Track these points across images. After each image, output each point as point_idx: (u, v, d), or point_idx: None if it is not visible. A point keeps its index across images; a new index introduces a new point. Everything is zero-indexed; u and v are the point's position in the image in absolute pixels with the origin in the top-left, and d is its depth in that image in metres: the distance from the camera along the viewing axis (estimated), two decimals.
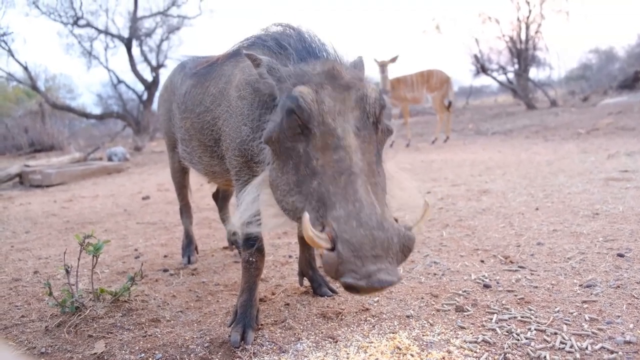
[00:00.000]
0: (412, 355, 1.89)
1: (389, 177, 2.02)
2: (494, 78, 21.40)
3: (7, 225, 5.62)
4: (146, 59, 22.81)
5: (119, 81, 23.62)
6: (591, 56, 27.49)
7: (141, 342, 2.22)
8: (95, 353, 2.14)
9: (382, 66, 11.51)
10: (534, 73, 23.34)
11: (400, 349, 1.95)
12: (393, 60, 11.52)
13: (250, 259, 2.29)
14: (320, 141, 1.73)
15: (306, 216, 1.56)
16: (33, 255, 4.08)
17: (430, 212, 1.97)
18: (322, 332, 2.18)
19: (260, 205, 2.04)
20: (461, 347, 1.94)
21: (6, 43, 19.50)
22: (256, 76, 2.05)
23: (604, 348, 1.83)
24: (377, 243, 1.51)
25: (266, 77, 1.97)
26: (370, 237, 1.51)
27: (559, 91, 20.96)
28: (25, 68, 20.15)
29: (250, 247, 2.25)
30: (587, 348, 1.84)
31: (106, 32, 21.87)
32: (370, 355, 1.91)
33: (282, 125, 1.81)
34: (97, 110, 26.04)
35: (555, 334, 1.97)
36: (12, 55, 19.78)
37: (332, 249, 1.53)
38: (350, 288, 1.51)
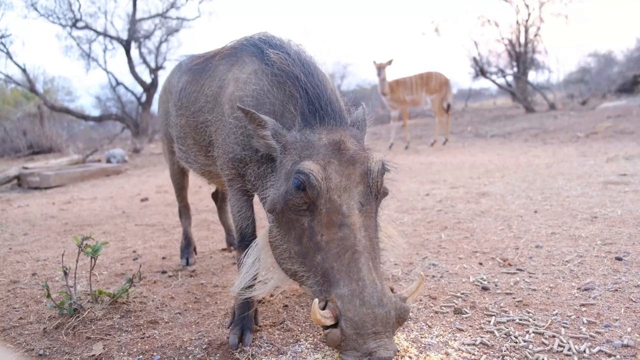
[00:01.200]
0: (410, 358, 1.88)
1: (382, 226, 2.12)
2: (493, 81, 21.42)
3: (5, 228, 5.61)
4: (145, 61, 22.82)
5: (118, 83, 23.62)
6: (590, 60, 27.60)
7: (139, 344, 2.22)
8: (94, 355, 2.13)
9: (380, 68, 11.52)
10: (532, 76, 23.44)
11: (398, 352, 1.94)
12: (389, 63, 11.54)
13: None
14: (325, 218, 1.78)
15: (315, 302, 1.65)
16: (31, 257, 4.07)
17: (423, 285, 2.11)
18: (320, 334, 2.18)
19: (262, 267, 2.08)
20: (459, 349, 1.94)
21: (4, 45, 19.50)
22: (255, 128, 1.99)
23: (602, 351, 1.83)
24: (378, 320, 1.64)
25: (269, 139, 1.96)
26: (371, 315, 1.64)
27: (557, 94, 21.02)
28: (24, 70, 20.14)
29: (245, 248, 2.25)
30: (585, 351, 1.84)
31: (105, 34, 21.87)
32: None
33: (286, 197, 1.83)
34: (95, 113, 26.06)
35: (554, 336, 1.97)
36: (11, 58, 19.78)
37: (335, 325, 1.65)
38: None
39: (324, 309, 1.69)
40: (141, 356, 2.10)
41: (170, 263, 3.62)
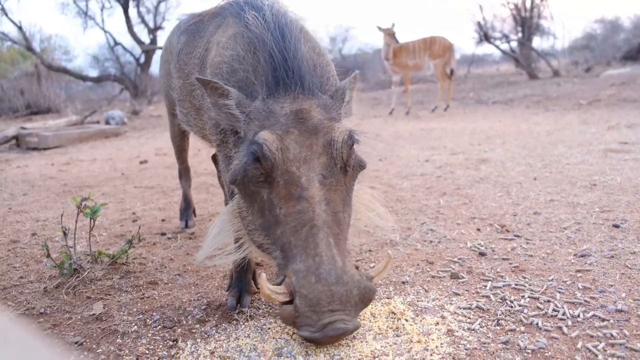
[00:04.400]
0: (406, 320, 1.91)
1: (358, 200, 2.05)
2: (497, 47, 21.08)
3: (5, 188, 5.62)
4: (143, 21, 22.35)
5: (116, 43, 23.21)
6: (596, 26, 27.06)
7: (139, 304, 2.25)
8: (94, 314, 2.16)
9: (388, 35, 11.33)
10: (537, 42, 23.03)
11: (395, 314, 1.97)
12: (391, 29, 11.35)
13: None
14: (283, 190, 1.72)
15: (263, 277, 1.62)
16: (31, 217, 4.09)
17: (391, 263, 2.03)
18: None
19: (227, 237, 2.02)
20: (455, 312, 1.96)
21: None
22: (216, 97, 1.90)
23: (596, 316, 1.85)
24: (335, 298, 1.58)
25: (233, 109, 1.88)
26: (328, 292, 1.57)
27: (562, 61, 20.73)
28: (20, 28, 19.73)
29: None
30: (579, 316, 1.86)
31: None
32: (364, 319, 1.93)
33: (245, 169, 1.76)
34: (93, 73, 25.67)
35: (549, 301, 2.00)
36: (6, 14, 19.33)
37: (290, 302, 1.60)
38: (307, 340, 1.61)
39: (280, 283, 1.66)
40: (141, 316, 2.13)
41: (170, 225, 3.64)
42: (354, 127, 1.93)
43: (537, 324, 1.82)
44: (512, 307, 1.97)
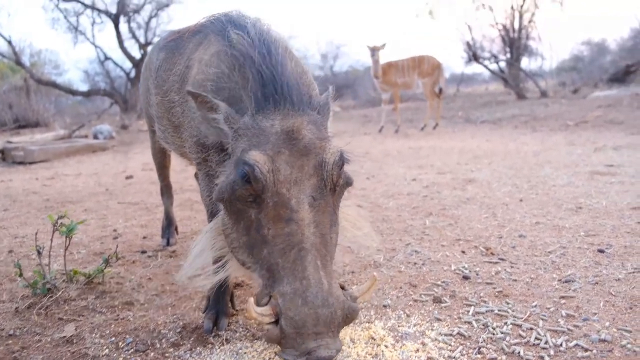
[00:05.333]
0: (386, 347, 1.86)
1: (344, 217, 2.04)
2: (486, 66, 21.29)
3: None
4: (134, 36, 22.36)
5: (107, 58, 23.18)
6: (583, 48, 27.51)
7: (112, 326, 2.18)
8: (64, 336, 2.09)
9: (374, 51, 11.40)
10: (525, 63, 23.27)
11: (374, 339, 1.92)
12: (382, 46, 11.43)
13: None
14: (272, 211, 1.69)
15: (251, 301, 1.60)
16: (9, 233, 4.00)
17: (377, 285, 1.99)
18: None
19: (210, 256, 1.97)
20: (436, 339, 1.92)
21: None
22: (205, 111, 1.89)
23: (579, 345, 1.81)
24: (320, 321, 1.57)
25: (221, 124, 1.86)
26: (313, 315, 1.57)
27: (549, 82, 20.94)
28: (9, 42, 19.67)
29: None
30: (561, 345, 1.82)
31: (93, 7, 21.33)
32: (343, 344, 1.88)
33: (233, 187, 1.73)
34: (84, 87, 25.57)
35: (531, 329, 1.96)
36: None
37: (276, 322, 1.60)
38: None
39: (266, 304, 1.63)
40: (113, 338, 2.06)
41: (151, 243, 3.57)
42: (344, 146, 1.90)
43: (519, 352, 1.78)
44: (494, 334, 1.93)
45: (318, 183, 1.74)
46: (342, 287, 1.74)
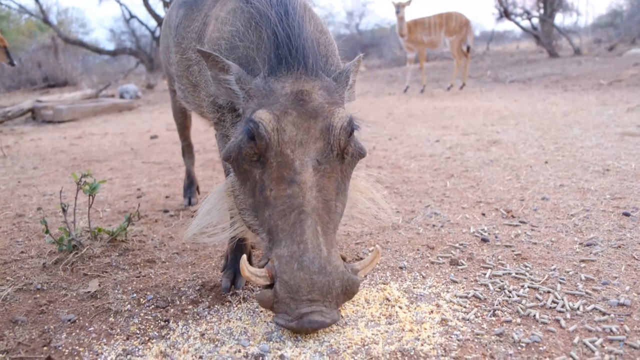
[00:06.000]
0: (400, 308, 1.87)
1: (356, 187, 2.01)
2: (517, 23, 20.52)
3: (17, 161, 5.67)
4: None
5: (132, 16, 23.12)
6: (622, 2, 26.18)
7: (134, 282, 2.24)
8: (89, 292, 2.16)
9: (399, 7, 11.05)
10: (560, 19, 22.39)
11: (389, 300, 1.93)
12: (408, 2, 11.06)
13: None
14: (275, 172, 1.67)
15: (244, 258, 1.61)
16: (38, 191, 4.12)
17: (379, 259, 1.94)
18: None
19: (219, 215, 1.98)
20: (451, 301, 1.92)
21: None
22: (216, 71, 1.85)
23: (596, 309, 1.79)
24: (316, 287, 1.56)
25: (232, 85, 1.83)
26: (309, 281, 1.55)
27: (584, 39, 20.14)
28: (37, 0, 19.74)
29: None
30: (578, 308, 1.80)
31: None
32: (358, 305, 1.90)
33: (240, 147, 1.72)
34: (110, 46, 25.71)
35: (548, 292, 1.94)
36: None
37: (271, 285, 1.60)
38: (283, 327, 1.61)
39: (263, 266, 1.64)
40: (135, 294, 2.12)
41: (173, 202, 3.63)
42: (356, 112, 1.87)
43: (535, 315, 1.77)
44: (510, 297, 1.92)
45: (324, 147, 1.71)
46: (344, 259, 1.73)
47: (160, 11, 22.15)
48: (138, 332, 1.82)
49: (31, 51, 20.66)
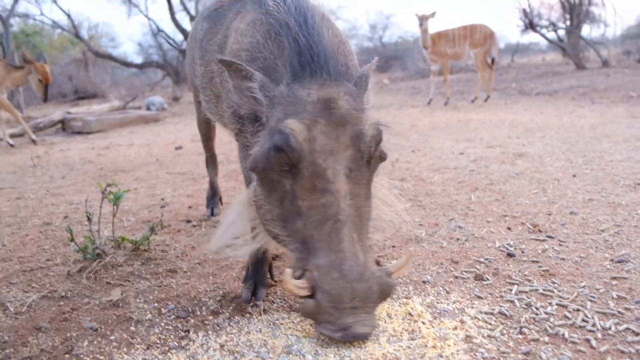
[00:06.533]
0: (423, 323, 1.83)
1: (376, 194, 1.99)
2: (543, 35, 20.25)
3: (46, 170, 5.81)
4: (185, 8, 22.62)
5: (159, 30, 23.60)
6: None
7: (156, 292, 2.25)
8: (111, 300, 2.18)
9: (422, 20, 11.02)
10: (587, 31, 22.03)
11: (412, 316, 1.89)
12: (432, 15, 11.01)
13: None
14: (308, 182, 1.66)
15: (288, 272, 1.61)
16: (65, 200, 4.19)
17: (412, 261, 1.91)
18: None
19: (243, 226, 1.98)
20: (475, 317, 1.87)
21: None
22: (239, 80, 1.85)
23: (629, 329, 1.72)
24: (357, 295, 1.57)
25: (256, 93, 1.83)
26: (350, 289, 1.57)
27: (613, 50, 19.70)
28: (69, 16, 20.34)
29: None
30: (610, 328, 1.74)
31: None
32: (380, 319, 1.87)
33: (268, 156, 1.71)
34: (138, 60, 26.24)
35: (578, 310, 1.88)
36: (56, 2, 19.93)
37: (311, 296, 1.60)
38: (327, 336, 1.62)
39: (300, 277, 1.63)
40: (156, 304, 2.13)
41: (196, 212, 3.65)
42: (384, 118, 1.88)
43: (564, 334, 1.71)
44: (537, 314, 1.86)
45: (354, 154, 1.71)
46: (377, 263, 1.73)
47: (187, 25, 22.59)
48: (158, 341, 1.82)
49: (63, 65, 21.30)
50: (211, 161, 3.80)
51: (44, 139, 9.19)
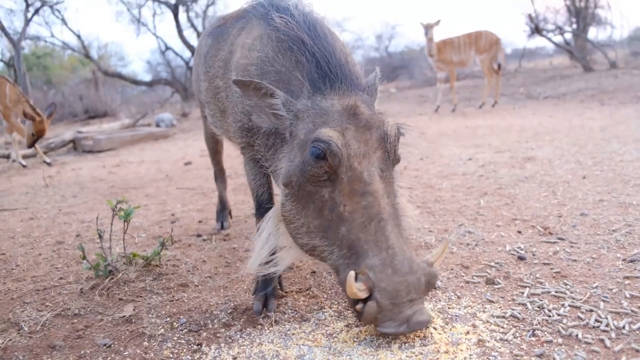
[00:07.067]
0: (435, 329, 1.82)
1: None
2: (549, 39, 20.20)
3: (58, 190, 5.87)
4: (192, 25, 22.90)
5: (167, 48, 23.90)
6: None
7: (168, 307, 2.26)
8: (124, 316, 2.19)
9: (427, 28, 11.06)
10: (593, 33, 21.91)
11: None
12: (437, 23, 11.05)
13: None
14: (347, 187, 1.72)
15: (352, 275, 1.62)
16: (77, 219, 4.23)
17: (448, 249, 1.97)
18: (345, 302, 2.14)
19: (277, 242, 2.01)
20: (487, 321, 1.86)
21: (60, 12, 19.97)
22: (257, 98, 1.88)
23: None
24: (411, 287, 1.63)
25: (279, 109, 1.87)
26: (404, 283, 1.63)
27: (620, 52, 19.60)
28: (79, 37, 20.68)
29: (262, 215, 2.20)
30: (624, 327, 1.72)
31: None
32: None
33: (304, 169, 1.75)
34: (147, 77, 26.57)
35: (591, 311, 1.86)
36: (66, 24, 20.27)
37: (367, 298, 1.63)
38: (389, 335, 1.68)
39: (354, 282, 1.65)
40: (168, 318, 2.14)
41: (206, 227, 3.67)
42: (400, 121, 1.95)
43: (577, 335, 1.70)
44: (550, 316, 1.85)
45: (383, 155, 1.80)
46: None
47: (194, 41, 22.86)
48: (171, 356, 1.83)
49: (73, 85, 21.63)
50: (220, 175, 3.83)
51: (56, 159, 9.29)
